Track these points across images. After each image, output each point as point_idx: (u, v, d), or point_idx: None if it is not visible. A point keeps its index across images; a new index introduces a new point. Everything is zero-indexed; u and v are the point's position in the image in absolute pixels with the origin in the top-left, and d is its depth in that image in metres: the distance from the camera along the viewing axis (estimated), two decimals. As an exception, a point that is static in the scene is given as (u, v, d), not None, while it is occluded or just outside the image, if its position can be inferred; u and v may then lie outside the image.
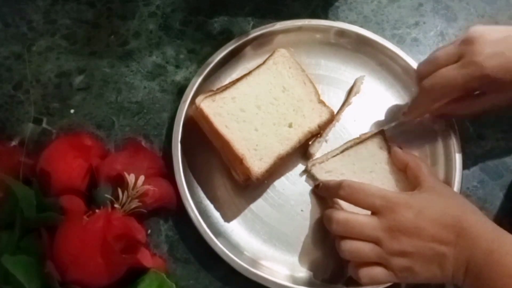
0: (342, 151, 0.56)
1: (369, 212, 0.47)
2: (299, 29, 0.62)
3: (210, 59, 0.60)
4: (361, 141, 0.56)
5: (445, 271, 0.44)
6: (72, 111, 0.59)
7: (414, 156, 0.54)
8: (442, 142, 0.58)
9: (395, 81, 0.61)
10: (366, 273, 0.46)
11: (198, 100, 0.54)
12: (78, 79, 0.61)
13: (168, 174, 0.54)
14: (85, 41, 0.64)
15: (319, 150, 0.57)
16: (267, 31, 0.62)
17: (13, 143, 0.56)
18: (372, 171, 0.54)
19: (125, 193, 0.49)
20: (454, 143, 0.56)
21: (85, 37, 0.64)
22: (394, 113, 0.60)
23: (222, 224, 0.54)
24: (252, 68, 0.58)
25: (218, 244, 0.51)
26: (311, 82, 0.58)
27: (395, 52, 0.61)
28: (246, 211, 0.54)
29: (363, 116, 0.60)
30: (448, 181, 0.55)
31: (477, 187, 0.57)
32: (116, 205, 0.48)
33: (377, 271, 0.46)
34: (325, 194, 0.53)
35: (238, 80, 0.56)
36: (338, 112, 0.59)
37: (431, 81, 0.51)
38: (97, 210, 0.48)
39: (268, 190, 0.55)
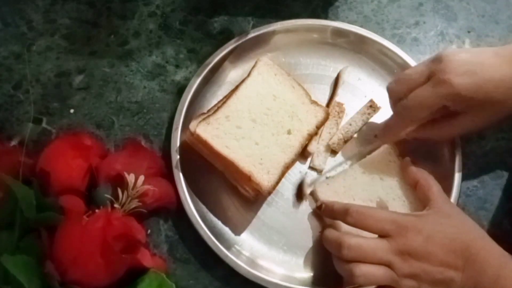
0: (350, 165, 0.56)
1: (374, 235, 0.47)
2: (295, 29, 0.62)
3: (209, 59, 0.60)
4: (368, 153, 0.56)
5: None
6: (71, 111, 0.59)
7: (425, 173, 0.53)
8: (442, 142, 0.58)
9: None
10: None
11: (192, 126, 0.53)
12: (78, 79, 0.61)
13: (168, 174, 0.54)
14: (85, 41, 0.63)
15: (316, 149, 0.57)
16: (266, 31, 0.62)
17: (13, 143, 0.56)
18: (381, 187, 0.54)
19: (125, 193, 0.49)
20: (454, 143, 0.56)
21: (84, 37, 0.64)
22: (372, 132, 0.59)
23: (227, 230, 0.53)
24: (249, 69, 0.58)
25: (217, 245, 0.51)
26: (299, 84, 0.58)
27: (393, 50, 0.61)
28: (251, 217, 0.54)
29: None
30: (448, 181, 0.55)
31: (477, 187, 0.57)
32: (116, 205, 0.48)
33: None
34: (328, 217, 0.52)
35: (227, 97, 0.56)
36: (327, 105, 0.59)
37: (404, 103, 0.51)
38: (97, 210, 0.48)
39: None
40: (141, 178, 0.49)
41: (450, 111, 0.51)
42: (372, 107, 0.59)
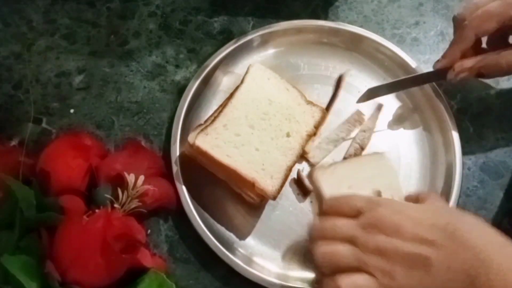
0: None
1: None
2: (293, 30, 0.63)
3: (209, 60, 0.60)
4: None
5: (435, 281, 0.37)
6: (72, 111, 0.59)
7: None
8: (442, 142, 0.58)
9: (389, 76, 0.62)
10: (349, 280, 0.39)
11: (191, 138, 0.52)
12: (78, 79, 0.61)
13: (168, 174, 0.54)
14: (85, 41, 0.64)
15: (316, 152, 0.57)
16: (265, 32, 0.62)
17: (13, 143, 0.56)
18: (372, 190, 0.54)
19: (125, 193, 0.49)
20: (454, 143, 0.56)
21: (84, 37, 0.64)
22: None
23: (235, 238, 0.53)
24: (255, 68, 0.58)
25: (217, 245, 0.51)
26: (293, 86, 0.58)
27: (391, 49, 0.62)
28: (257, 223, 0.54)
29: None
30: (448, 181, 0.55)
31: (477, 187, 0.57)
32: (116, 205, 0.48)
33: (359, 278, 0.39)
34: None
35: (223, 106, 0.55)
36: (328, 107, 0.59)
37: (472, 16, 0.51)
38: (97, 210, 0.48)
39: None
40: (141, 178, 0.49)
41: None
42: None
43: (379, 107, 0.59)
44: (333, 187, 0.53)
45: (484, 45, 0.56)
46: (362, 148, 0.57)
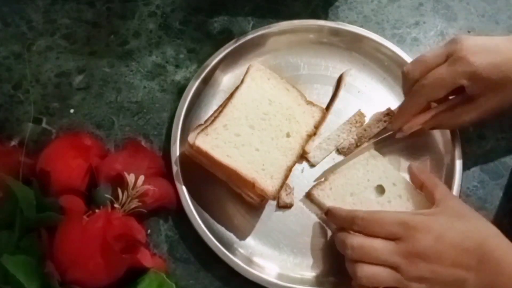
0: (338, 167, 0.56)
1: None
2: (293, 30, 0.63)
3: (209, 60, 0.60)
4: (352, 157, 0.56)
5: None
6: (72, 111, 0.59)
7: (429, 174, 0.54)
8: (442, 142, 0.58)
9: (389, 76, 0.62)
10: None
11: (191, 138, 0.52)
12: (78, 79, 0.61)
13: (168, 174, 0.54)
14: (85, 41, 0.64)
15: (316, 152, 0.57)
16: (264, 32, 0.62)
17: (13, 143, 0.56)
18: (373, 187, 0.54)
19: (125, 193, 0.49)
20: (454, 143, 0.56)
21: (84, 37, 0.64)
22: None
23: (235, 238, 0.53)
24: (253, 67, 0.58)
25: (217, 245, 0.51)
26: (293, 86, 0.58)
27: (391, 49, 0.62)
28: (257, 223, 0.54)
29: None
30: (448, 182, 0.55)
31: (477, 187, 0.57)
32: (116, 205, 0.48)
33: None
34: (334, 223, 0.51)
35: (223, 106, 0.55)
36: (328, 107, 0.59)
37: (421, 82, 0.51)
38: (97, 210, 0.48)
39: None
40: (141, 178, 0.49)
41: (467, 96, 0.51)
42: (389, 115, 0.58)
43: (389, 112, 0.59)
44: (338, 201, 0.53)
45: None
46: (357, 145, 0.57)
